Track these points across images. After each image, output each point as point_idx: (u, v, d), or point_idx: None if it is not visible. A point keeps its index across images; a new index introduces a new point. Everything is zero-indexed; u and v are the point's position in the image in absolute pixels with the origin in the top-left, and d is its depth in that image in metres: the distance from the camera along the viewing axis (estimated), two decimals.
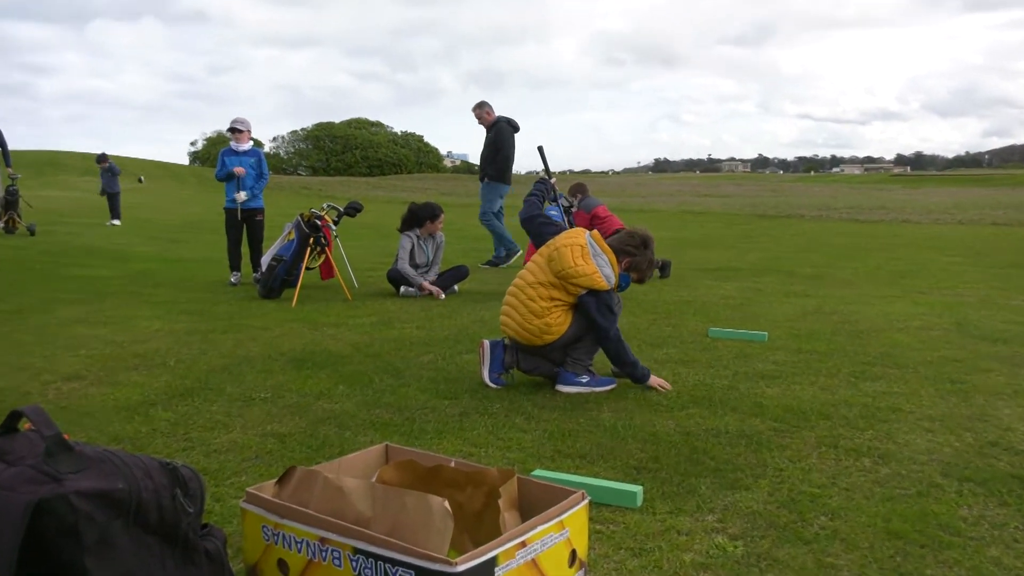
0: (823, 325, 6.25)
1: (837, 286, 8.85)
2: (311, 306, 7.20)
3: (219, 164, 8.70)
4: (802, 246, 15.01)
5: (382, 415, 3.78)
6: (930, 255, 13.10)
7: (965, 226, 21.38)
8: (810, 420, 3.71)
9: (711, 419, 3.73)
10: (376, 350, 5.26)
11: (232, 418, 3.73)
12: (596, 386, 4.30)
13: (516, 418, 3.74)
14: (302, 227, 7.71)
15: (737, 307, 7.21)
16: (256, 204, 8.74)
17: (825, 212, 26.39)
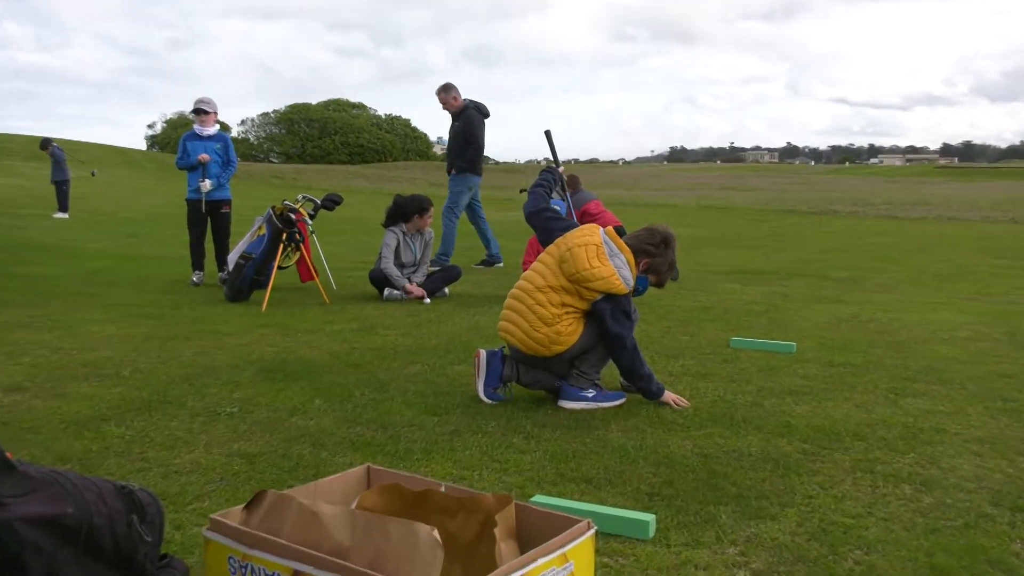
0: (858, 335, 6.27)
1: (874, 291, 8.87)
2: (284, 310, 7.20)
3: (180, 150, 8.72)
4: (835, 246, 15.05)
5: (363, 433, 3.78)
6: (979, 257, 13.14)
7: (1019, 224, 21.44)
8: (844, 442, 3.72)
9: (732, 440, 3.74)
10: (357, 360, 5.27)
11: (194, 435, 3.73)
12: (604, 401, 4.31)
13: (514, 437, 3.75)
14: (274, 221, 7.72)
15: (762, 314, 7.22)
16: (222, 195, 8.76)
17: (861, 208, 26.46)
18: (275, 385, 4.61)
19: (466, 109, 10.57)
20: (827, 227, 20.20)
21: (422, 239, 8.19)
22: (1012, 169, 79.95)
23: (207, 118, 8.68)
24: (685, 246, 14.31)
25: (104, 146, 55.61)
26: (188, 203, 8.76)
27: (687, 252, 13.30)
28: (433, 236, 8.33)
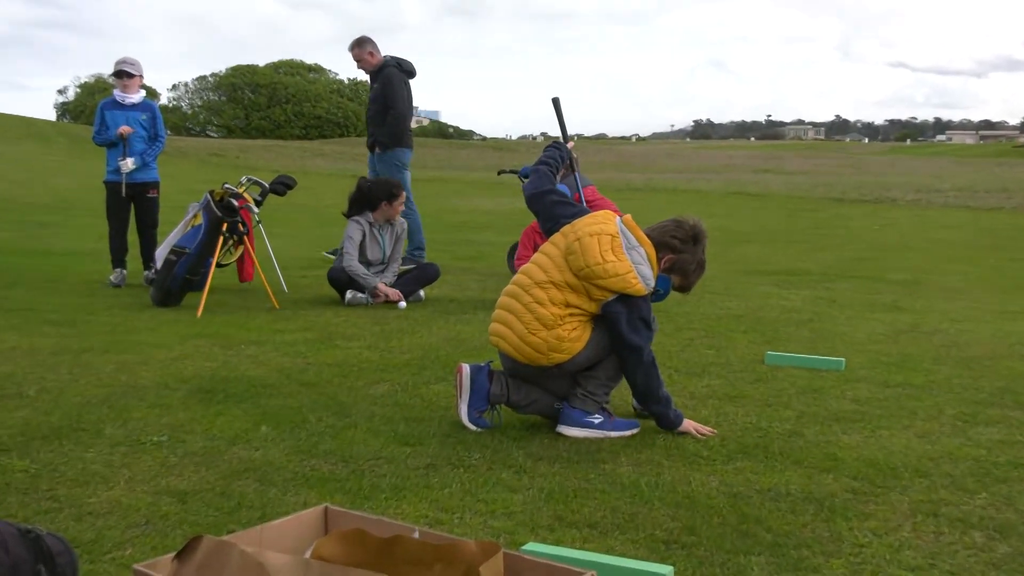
0: (920, 349, 6.30)
1: (940, 297, 8.92)
2: (223, 317, 7.20)
3: (98, 121, 8.72)
4: (893, 242, 15.12)
5: (320, 467, 3.78)
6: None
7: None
8: (902, 479, 3.74)
9: (767, 476, 3.76)
10: (312, 378, 5.27)
11: (114, 469, 3.72)
12: (613, 430, 4.32)
13: (503, 472, 3.76)
14: (212, 209, 7.72)
15: (804, 324, 7.25)
16: (149, 176, 8.76)
17: (925, 195, 26.57)
18: (212, 408, 4.61)
19: (385, 67, 10.50)
20: (883, 218, 20.27)
21: (392, 231, 8.20)
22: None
23: (130, 82, 8.67)
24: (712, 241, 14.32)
25: (5, 115, 55.46)
26: (107, 186, 8.76)
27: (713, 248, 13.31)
28: (406, 228, 8.34)
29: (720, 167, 46.24)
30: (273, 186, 8.84)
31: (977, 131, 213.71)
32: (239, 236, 8.15)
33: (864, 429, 4.43)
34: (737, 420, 4.55)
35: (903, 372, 5.62)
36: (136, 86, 8.73)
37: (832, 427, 4.46)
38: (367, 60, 10.56)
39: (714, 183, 33.08)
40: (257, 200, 8.66)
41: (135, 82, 8.71)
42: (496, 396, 4.37)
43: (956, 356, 6.11)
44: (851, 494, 3.57)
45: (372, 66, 10.55)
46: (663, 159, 55.11)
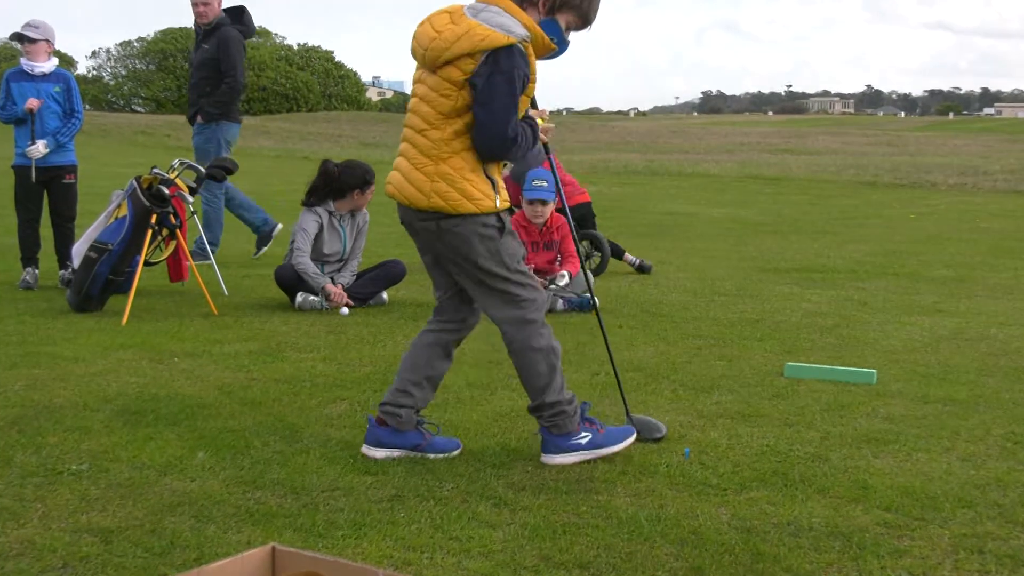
0: (964, 359, 6.34)
1: (987, 297, 8.97)
2: (153, 324, 7.19)
3: (2, 94, 8.67)
4: (933, 233, 15.19)
5: (266, 500, 3.79)
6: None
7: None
8: (942, 510, 3.77)
9: (786, 507, 3.78)
10: (257, 396, 5.27)
11: (26, 504, 3.72)
12: (606, 444, 4.33)
13: (480, 505, 3.77)
14: (139, 198, 7.70)
15: (829, 330, 7.29)
16: (64, 159, 8.72)
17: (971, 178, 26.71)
18: (141, 432, 4.60)
19: (222, 25, 10.24)
20: (922, 205, 20.37)
21: (354, 223, 8.20)
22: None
23: (33, 48, 8.59)
24: (723, 232, 14.42)
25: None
26: (15, 171, 8.71)
27: (725, 241, 13.40)
28: (368, 220, 8.34)
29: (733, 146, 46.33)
30: (210, 170, 8.81)
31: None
32: (171, 229, 8.11)
33: (899, 452, 4.46)
34: (752, 443, 4.58)
35: (944, 386, 5.65)
36: (44, 52, 8.65)
37: (862, 450, 4.48)
38: (207, 11, 10.17)
39: (726, 165, 33.15)
40: (192, 187, 8.62)
41: (40, 48, 8.63)
42: (404, 420, 4.33)
43: (1006, 366, 6.15)
44: (883, 528, 3.60)
45: (209, 20, 10.21)
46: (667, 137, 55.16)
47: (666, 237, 13.56)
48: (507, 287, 4.25)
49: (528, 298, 4.29)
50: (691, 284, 9.48)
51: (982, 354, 6.50)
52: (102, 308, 7.70)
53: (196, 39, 10.41)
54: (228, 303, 8.11)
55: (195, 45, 10.39)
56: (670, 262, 11.11)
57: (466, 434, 4.63)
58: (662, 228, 14.79)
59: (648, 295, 8.75)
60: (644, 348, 6.56)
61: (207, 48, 10.20)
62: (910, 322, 7.62)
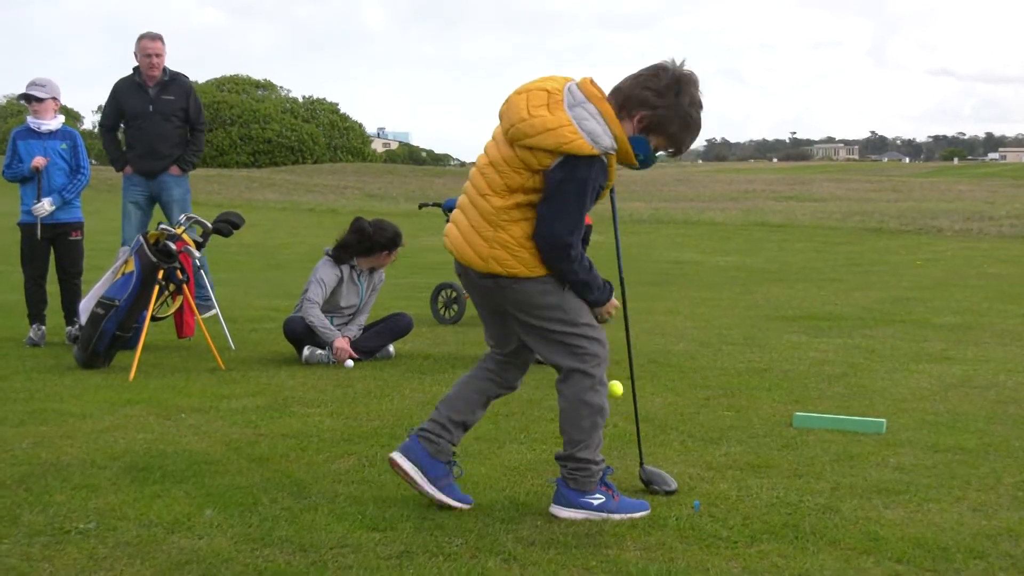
0: (974, 406, 6.33)
1: (996, 343, 8.97)
2: (160, 380, 7.19)
3: (10, 152, 8.72)
4: (941, 279, 15.21)
5: (275, 557, 3.78)
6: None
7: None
8: (954, 561, 3.75)
9: (798, 560, 3.76)
10: (264, 452, 5.26)
11: (33, 563, 3.70)
12: (617, 512, 4.31)
13: (489, 560, 3.76)
14: (146, 253, 7.73)
15: (838, 379, 7.28)
16: (71, 216, 8.76)
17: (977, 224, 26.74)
18: (148, 490, 4.59)
19: (177, 76, 10.20)
20: (928, 251, 20.39)
21: (371, 280, 8.24)
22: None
23: (40, 107, 8.65)
24: (729, 281, 14.42)
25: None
26: (21, 228, 8.75)
27: (732, 290, 13.39)
28: (383, 279, 8.38)
29: (738, 194, 46.44)
30: (217, 225, 8.84)
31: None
32: (178, 285, 8.14)
33: (910, 503, 4.44)
34: (762, 494, 4.56)
35: (954, 434, 5.64)
36: (51, 110, 8.71)
37: (872, 500, 4.47)
38: (161, 62, 10.04)
39: (731, 212, 33.22)
40: (198, 242, 8.66)
41: (48, 106, 8.69)
42: (439, 450, 4.37)
43: (1015, 414, 6.14)
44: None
45: (161, 71, 10.06)
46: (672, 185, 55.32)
47: (673, 286, 13.58)
48: (571, 340, 4.25)
49: (591, 352, 4.28)
50: (698, 333, 9.49)
51: (991, 402, 6.49)
52: (109, 364, 7.71)
53: (138, 90, 10.01)
54: (235, 357, 8.12)
55: (139, 95, 9.99)
56: (677, 311, 11.13)
57: (475, 488, 4.62)
58: (668, 277, 14.82)
59: (655, 345, 8.74)
60: (652, 399, 6.54)
61: (170, 100, 10.06)
62: (918, 370, 7.62)
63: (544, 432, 5.70)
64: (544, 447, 5.39)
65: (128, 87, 9.97)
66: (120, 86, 10.03)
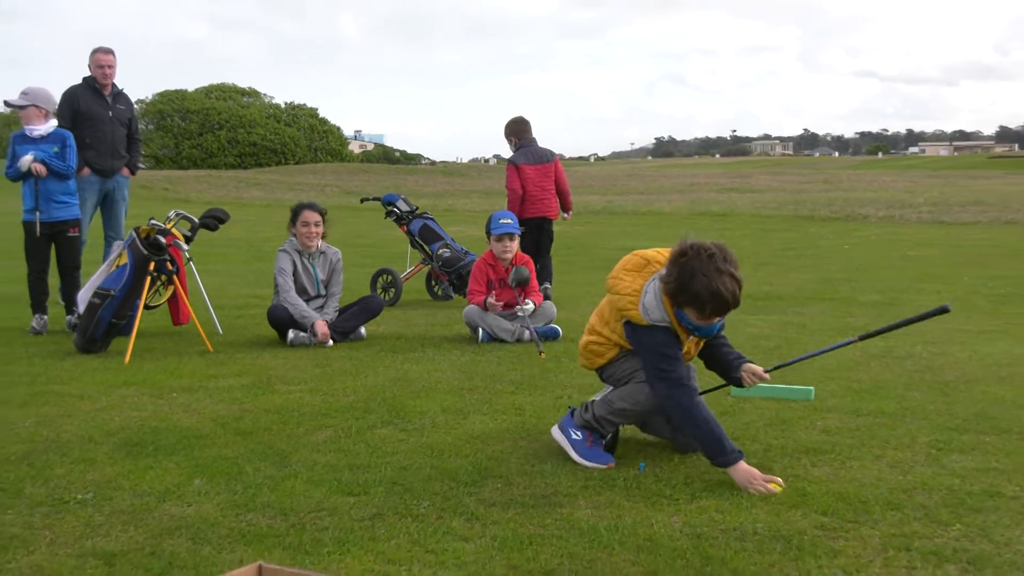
0: (893, 375, 6.39)
1: None
2: (153, 363, 7.16)
3: (9, 155, 8.62)
4: (866, 261, 15.31)
5: (257, 521, 3.78)
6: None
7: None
8: (873, 512, 3.80)
9: (733, 515, 3.80)
10: (249, 426, 5.25)
11: (35, 531, 3.69)
12: (579, 454, 4.49)
13: (453, 520, 3.77)
14: (138, 247, 7.69)
15: (772, 351, 7.33)
16: (67, 214, 8.68)
17: (898, 211, 26.95)
18: (142, 462, 4.58)
19: (122, 91, 10.19)
20: (855, 236, 20.52)
21: (325, 260, 8.20)
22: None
23: (26, 114, 8.48)
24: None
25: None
26: (25, 226, 8.67)
27: None
28: (342, 258, 8.34)
29: (684, 186, 46.54)
30: (203, 220, 8.81)
31: (951, 142, 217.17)
32: (168, 275, 8.11)
33: (834, 461, 4.49)
34: (702, 457, 4.58)
35: (875, 400, 5.70)
36: (35, 117, 8.54)
37: (801, 460, 4.51)
38: (112, 74, 9.99)
39: (677, 204, 33.32)
40: (187, 236, 8.63)
41: (31, 113, 8.53)
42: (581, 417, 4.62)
43: (930, 381, 6.21)
44: (820, 530, 3.62)
45: (112, 79, 10.04)
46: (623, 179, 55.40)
47: None
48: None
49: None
50: None
51: (908, 370, 6.55)
52: (106, 349, 7.67)
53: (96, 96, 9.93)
54: (223, 341, 8.09)
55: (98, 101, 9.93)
56: None
57: (441, 455, 4.64)
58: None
59: None
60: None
61: (122, 109, 10.11)
62: None
63: (504, 404, 5.71)
64: (504, 417, 5.40)
65: (85, 92, 9.87)
66: (75, 91, 9.88)
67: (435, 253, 10.80)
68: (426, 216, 11.25)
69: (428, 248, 10.93)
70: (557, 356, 7.27)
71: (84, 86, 9.85)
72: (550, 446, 4.74)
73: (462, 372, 6.72)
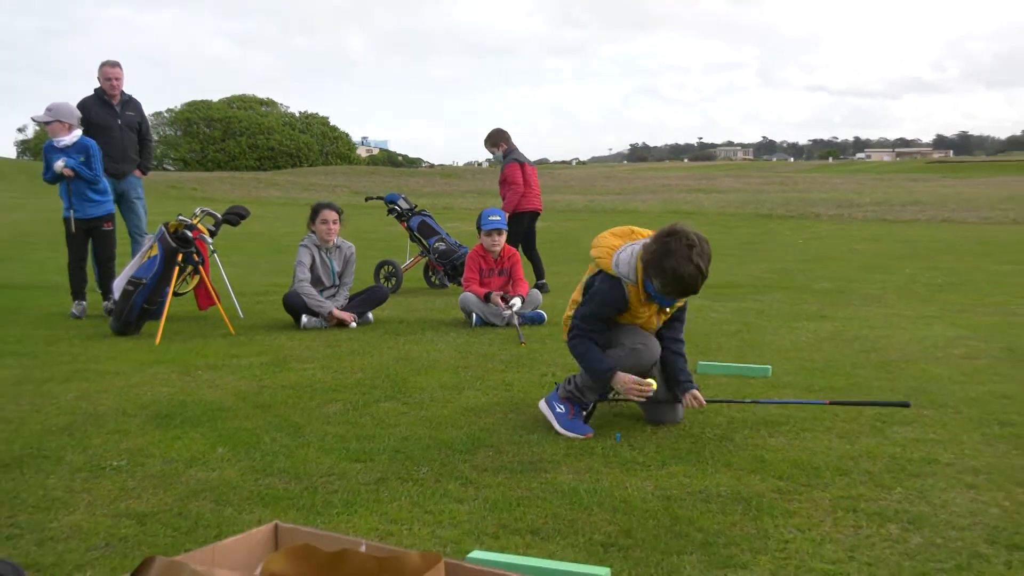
0: (842, 355, 6.40)
1: (861, 305, 9.06)
2: (181, 344, 7.13)
3: (45, 163, 8.57)
4: (818, 254, 15.33)
5: (274, 485, 3.77)
6: (976, 263, 13.49)
7: (1021, 225, 22.04)
8: (824, 477, 3.80)
9: (699, 479, 3.80)
10: (267, 400, 5.24)
11: (74, 494, 3.68)
12: (561, 425, 4.50)
13: (449, 484, 3.77)
14: (168, 240, 7.66)
15: (734, 334, 7.33)
16: (103, 210, 8.64)
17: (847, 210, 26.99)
18: (170, 432, 4.57)
19: (131, 97, 10.03)
20: (808, 232, 20.56)
21: (340, 254, 8.18)
22: (1014, 163, 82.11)
23: (51, 128, 8.40)
24: None
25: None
26: (65, 221, 8.63)
27: None
28: (355, 251, 8.32)
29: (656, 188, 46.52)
30: (226, 216, 8.78)
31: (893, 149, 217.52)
32: (194, 266, 8.08)
33: (789, 432, 4.49)
34: (671, 428, 4.60)
35: (826, 376, 5.70)
36: (62, 130, 8.40)
37: (759, 431, 4.51)
38: (120, 85, 9.82)
39: (650, 203, 33.36)
40: (211, 231, 8.60)
41: (55, 127, 8.40)
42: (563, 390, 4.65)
43: (875, 360, 6.21)
44: (777, 493, 3.62)
45: (120, 90, 9.85)
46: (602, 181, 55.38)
47: None
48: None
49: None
50: None
51: (856, 351, 6.56)
52: (139, 332, 7.64)
53: (105, 106, 9.72)
54: (243, 325, 8.06)
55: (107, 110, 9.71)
56: None
57: (438, 426, 4.63)
58: None
59: None
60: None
61: (131, 115, 9.93)
62: (798, 326, 7.68)
63: (495, 381, 5.70)
64: (495, 392, 5.39)
65: (95, 103, 9.71)
66: (86, 103, 9.67)
67: (432, 246, 10.88)
68: (424, 213, 11.26)
69: (425, 242, 10.97)
70: (542, 338, 7.26)
71: (95, 98, 9.73)
72: (536, 418, 4.74)
73: (457, 352, 6.70)
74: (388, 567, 2.17)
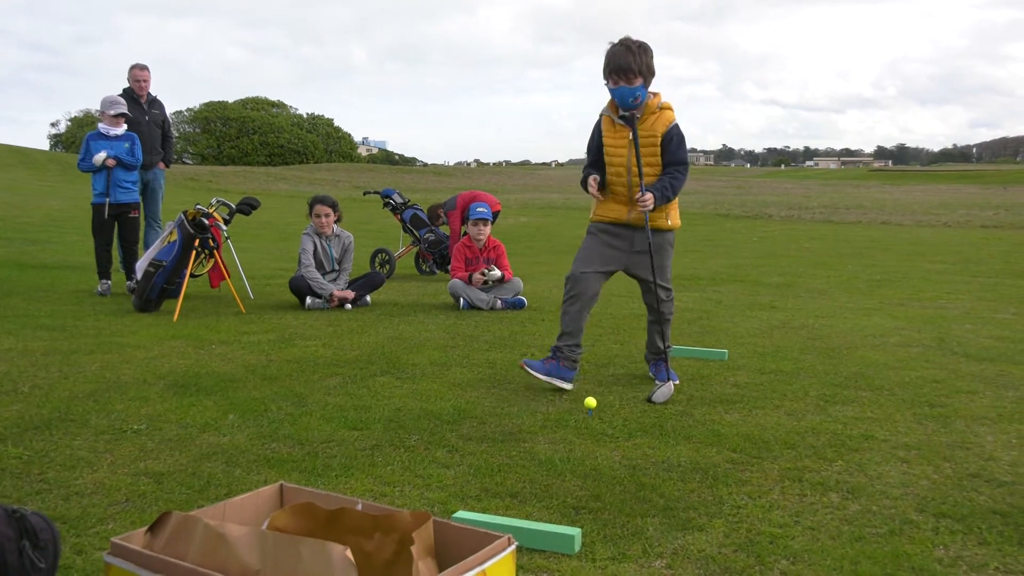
0: (790, 341, 6.42)
1: (807, 297, 9.10)
2: (196, 320, 7.09)
3: (84, 150, 8.50)
4: (770, 251, 15.38)
5: (279, 449, 3.75)
6: (912, 261, 13.56)
7: (952, 229, 22.17)
8: (773, 450, 3.81)
9: (661, 450, 3.80)
10: (273, 372, 5.22)
11: (98, 455, 3.65)
12: (540, 371, 4.76)
13: (437, 451, 3.76)
14: (186, 227, 7.60)
15: (694, 321, 7.35)
16: (131, 198, 8.58)
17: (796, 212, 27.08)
18: (186, 400, 4.54)
19: (156, 97, 9.87)
20: (762, 231, 20.63)
21: (340, 243, 8.15)
22: (945, 172, 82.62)
23: (116, 120, 8.46)
24: None
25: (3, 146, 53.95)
26: (94, 208, 8.56)
27: None
28: (353, 240, 8.29)
29: None
30: (240, 207, 8.73)
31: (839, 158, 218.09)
32: (210, 250, 8.04)
33: (743, 409, 4.50)
34: (637, 404, 4.60)
35: (776, 360, 5.72)
36: (121, 122, 8.55)
37: (716, 408, 4.52)
38: (147, 86, 9.71)
39: None
40: (225, 219, 8.56)
41: (120, 120, 8.52)
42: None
43: (820, 347, 6.24)
44: (731, 464, 3.63)
45: (147, 91, 9.73)
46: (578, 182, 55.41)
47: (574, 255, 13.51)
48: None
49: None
50: None
51: (803, 338, 6.58)
52: (158, 309, 7.59)
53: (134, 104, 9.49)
54: (253, 305, 8.02)
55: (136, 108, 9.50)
56: None
57: (428, 399, 4.62)
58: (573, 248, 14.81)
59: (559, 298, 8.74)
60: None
61: (156, 113, 9.79)
62: (752, 315, 7.70)
63: (480, 359, 5.69)
64: (480, 369, 5.38)
65: (126, 101, 9.71)
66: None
67: (422, 237, 10.89)
68: (416, 207, 11.25)
69: (417, 233, 10.98)
70: (523, 321, 7.25)
71: (124, 96, 9.68)
72: (516, 392, 4.74)
73: (446, 332, 6.69)
74: (382, 524, 2.16)
